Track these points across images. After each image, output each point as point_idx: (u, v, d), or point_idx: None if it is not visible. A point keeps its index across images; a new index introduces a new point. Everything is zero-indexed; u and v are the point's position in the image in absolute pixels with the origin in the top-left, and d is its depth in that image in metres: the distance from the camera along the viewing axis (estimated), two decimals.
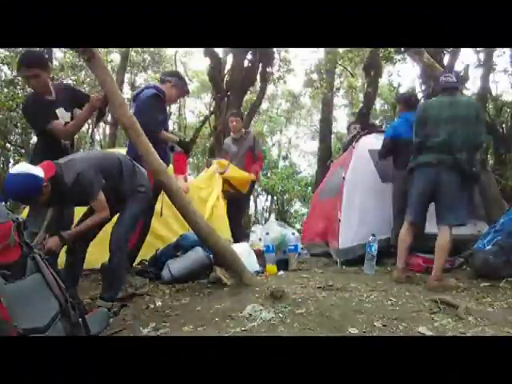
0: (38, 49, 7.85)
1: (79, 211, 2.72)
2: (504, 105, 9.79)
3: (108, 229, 2.58)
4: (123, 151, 4.34)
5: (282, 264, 3.63)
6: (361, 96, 13.03)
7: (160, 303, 2.42)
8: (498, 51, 8.97)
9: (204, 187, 4.38)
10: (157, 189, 2.98)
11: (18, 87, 6.71)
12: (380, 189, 4.11)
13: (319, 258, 4.28)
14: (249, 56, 8.55)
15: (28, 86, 2.67)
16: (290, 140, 21.41)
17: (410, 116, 3.69)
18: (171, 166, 3.49)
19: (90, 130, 12.63)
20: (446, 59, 8.70)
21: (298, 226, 12.15)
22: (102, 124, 13.23)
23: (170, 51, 14.74)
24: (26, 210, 3.96)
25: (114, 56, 13.07)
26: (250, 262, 3.19)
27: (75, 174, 2.25)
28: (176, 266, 3.08)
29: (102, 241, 2.60)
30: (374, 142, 4.40)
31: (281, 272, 3.46)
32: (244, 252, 3.20)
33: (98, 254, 2.73)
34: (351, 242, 3.86)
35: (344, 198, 4.04)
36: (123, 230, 2.51)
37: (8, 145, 7.70)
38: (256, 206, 15.50)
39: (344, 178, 4.13)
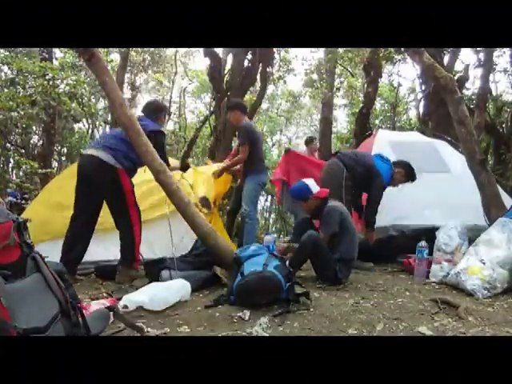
0: (38, 49, 7.87)
1: None
2: (504, 105, 9.79)
3: None
4: None
5: None
6: (361, 96, 13.03)
7: None
8: (498, 51, 8.98)
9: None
10: None
11: (18, 87, 6.70)
12: None
13: None
14: (249, 56, 8.55)
15: None
16: (290, 140, 21.43)
17: None
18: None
19: (89, 131, 12.66)
20: (446, 59, 8.71)
21: None
22: (102, 124, 13.25)
23: (169, 51, 14.77)
24: (26, 210, 3.98)
25: (114, 56, 13.07)
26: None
27: None
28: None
29: None
30: (393, 134, 4.52)
31: None
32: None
33: None
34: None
35: None
36: None
37: (8, 145, 7.69)
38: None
39: None
